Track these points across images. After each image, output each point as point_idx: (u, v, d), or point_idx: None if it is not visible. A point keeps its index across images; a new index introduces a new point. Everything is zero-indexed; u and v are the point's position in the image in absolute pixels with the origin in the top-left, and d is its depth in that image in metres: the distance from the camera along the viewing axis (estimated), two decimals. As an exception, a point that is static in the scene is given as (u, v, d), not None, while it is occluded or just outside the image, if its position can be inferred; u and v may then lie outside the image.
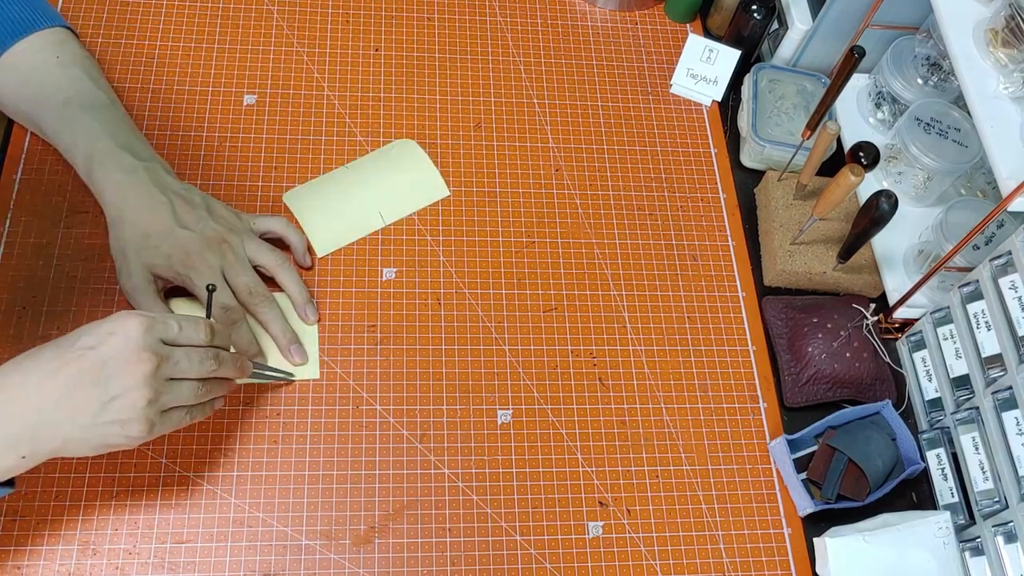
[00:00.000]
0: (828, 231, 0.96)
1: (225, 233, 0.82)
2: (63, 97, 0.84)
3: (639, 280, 0.93)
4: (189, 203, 0.82)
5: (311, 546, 0.77)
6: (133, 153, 0.83)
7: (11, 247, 0.85)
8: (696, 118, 1.05)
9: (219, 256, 0.81)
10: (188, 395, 0.68)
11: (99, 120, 0.84)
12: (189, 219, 0.81)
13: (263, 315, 0.82)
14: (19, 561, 0.73)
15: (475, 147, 0.99)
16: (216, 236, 0.81)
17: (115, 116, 0.86)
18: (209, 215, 0.83)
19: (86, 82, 0.86)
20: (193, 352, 0.68)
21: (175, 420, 0.68)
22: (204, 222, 0.82)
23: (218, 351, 0.70)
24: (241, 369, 0.74)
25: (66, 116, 0.84)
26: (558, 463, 0.83)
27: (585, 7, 1.11)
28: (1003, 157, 0.77)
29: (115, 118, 0.85)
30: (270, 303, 0.82)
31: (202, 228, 0.81)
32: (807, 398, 0.88)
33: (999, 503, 0.77)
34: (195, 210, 0.82)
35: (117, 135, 0.84)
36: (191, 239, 0.80)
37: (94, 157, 0.82)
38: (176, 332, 0.67)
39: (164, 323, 0.67)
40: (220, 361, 0.70)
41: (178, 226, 0.80)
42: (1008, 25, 0.80)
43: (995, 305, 0.78)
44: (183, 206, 0.82)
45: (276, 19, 1.03)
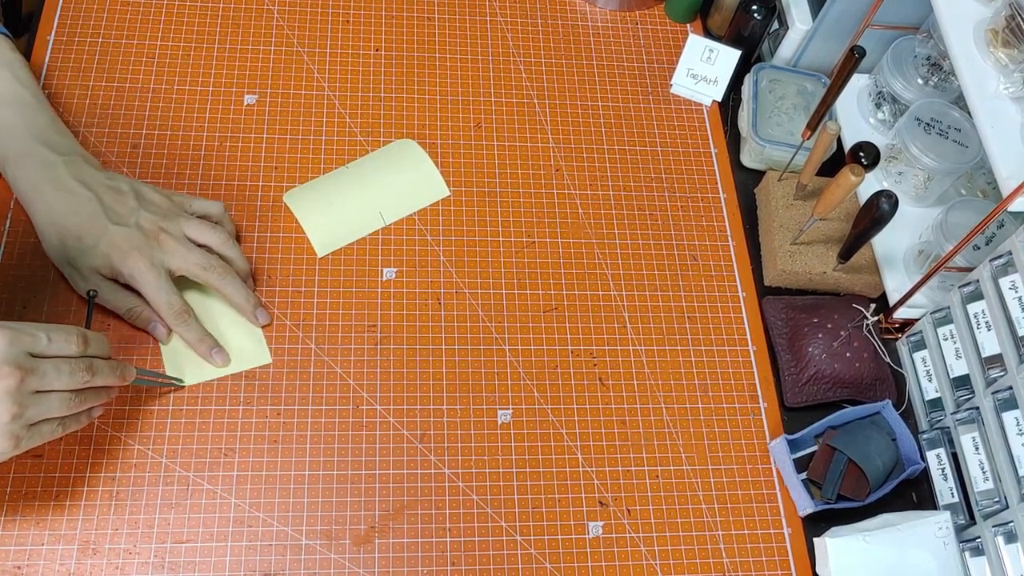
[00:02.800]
0: (828, 231, 0.96)
1: (160, 221, 0.80)
2: None
3: (639, 280, 0.93)
4: (117, 194, 0.80)
5: (311, 546, 0.77)
6: (51, 147, 0.81)
7: (11, 247, 0.85)
8: (696, 118, 1.05)
9: (158, 249, 0.79)
10: (58, 407, 0.66)
11: (19, 116, 0.82)
12: (121, 212, 0.79)
13: (225, 286, 0.81)
14: (19, 561, 0.73)
15: (475, 147, 0.99)
16: (152, 227, 0.79)
17: (36, 113, 0.83)
18: (140, 203, 0.80)
19: (11, 82, 0.83)
20: (63, 363, 0.66)
21: (46, 433, 0.67)
22: (136, 213, 0.79)
23: (92, 361, 0.68)
24: (122, 376, 0.71)
25: None
26: (558, 463, 0.83)
27: (585, 7, 1.11)
28: (1003, 157, 0.77)
29: (36, 115, 0.83)
30: (226, 271, 0.81)
31: (136, 220, 0.79)
32: (807, 398, 0.88)
33: (999, 503, 0.77)
34: (125, 201, 0.80)
35: (36, 131, 0.81)
36: (126, 235, 0.78)
37: (10, 157, 0.80)
38: (44, 344, 0.65)
39: (31, 335, 0.64)
40: (95, 371, 0.68)
41: (110, 222, 0.78)
42: (1008, 25, 0.80)
43: (995, 305, 0.78)
44: (112, 199, 0.80)
45: (276, 19, 1.03)
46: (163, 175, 0.91)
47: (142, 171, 0.91)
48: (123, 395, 0.80)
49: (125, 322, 0.82)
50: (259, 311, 0.83)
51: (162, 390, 0.81)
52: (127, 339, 0.82)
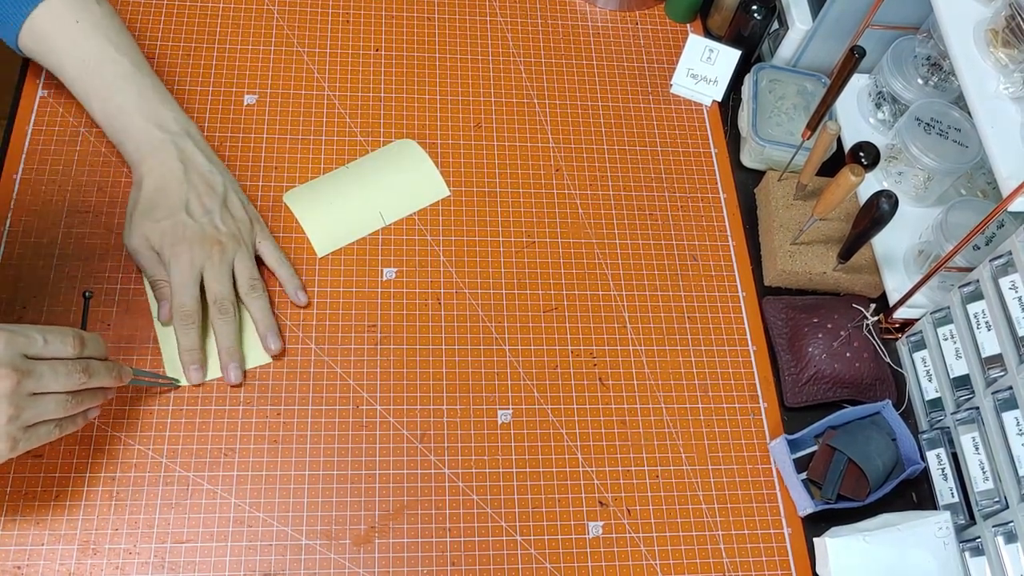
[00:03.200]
0: (828, 231, 0.96)
1: (224, 236, 0.82)
2: (86, 68, 0.83)
3: (639, 280, 0.93)
4: (208, 190, 0.83)
5: (311, 546, 0.77)
6: (161, 126, 0.84)
7: (11, 246, 0.85)
8: (696, 118, 1.05)
9: (205, 255, 0.81)
10: (55, 409, 0.66)
11: (125, 92, 0.84)
12: (197, 209, 0.82)
13: (218, 327, 0.81)
14: (19, 561, 0.73)
15: (475, 147, 0.99)
16: (213, 235, 0.81)
17: (141, 85, 0.84)
18: (220, 210, 0.83)
19: (108, 49, 0.84)
20: (59, 365, 0.66)
21: (43, 435, 0.67)
22: (210, 216, 0.82)
23: (89, 362, 0.68)
24: (118, 377, 0.72)
25: (91, 89, 0.84)
26: (558, 463, 0.83)
27: (585, 7, 1.11)
28: (1003, 157, 0.77)
29: (141, 87, 0.84)
30: (229, 319, 0.81)
31: (204, 223, 0.82)
32: (807, 398, 0.88)
33: (999, 503, 0.77)
34: (210, 200, 0.83)
35: (145, 108, 0.84)
36: (188, 228, 0.81)
37: (121, 132, 0.83)
38: (40, 346, 0.65)
39: (26, 337, 0.64)
40: (91, 372, 0.68)
41: (184, 211, 0.81)
42: (1008, 25, 0.80)
43: (995, 305, 0.78)
44: (200, 193, 0.83)
45: (276, 19, 1.03)
46: (163, 175, 0.91)
47: (142, 171, 0.91)
48: (123, 395, 0.80)
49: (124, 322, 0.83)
50: (233, 367, 0.81)
51: (162, 390, 0.81)
52: (126, 339, 0.82)
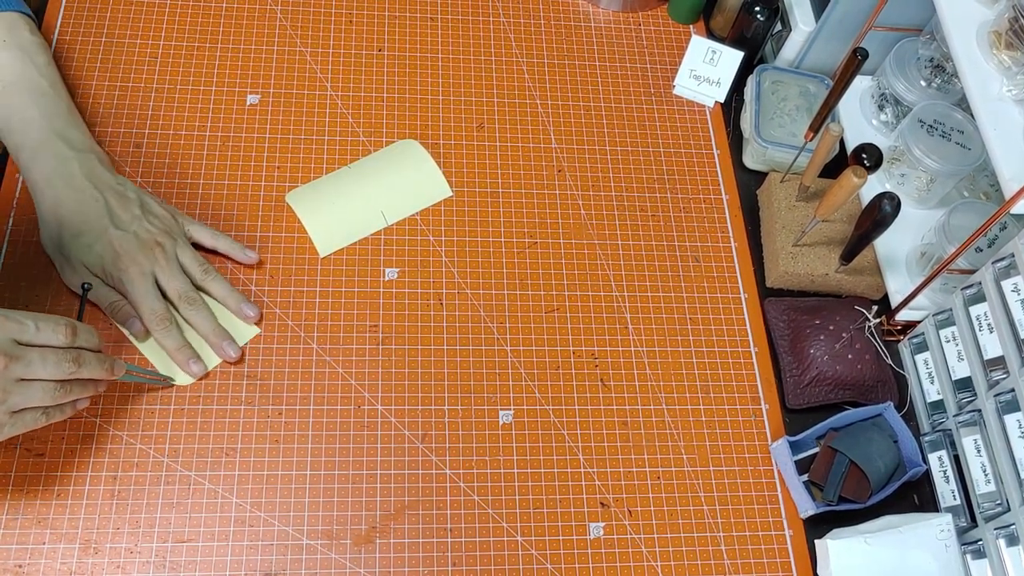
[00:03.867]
0: (830, 233, 0.95)
1: (159, 235, 0.81)
2: (2, 82, 0.83)
3: (641, 281, 0.93)
4: (123, 200, 0.82)
5: (312, 546, 0.77)
6: (67, 142, 0.83)
7: (14, 246, 0.85)
8: (699, 119, 1.05)
9: (151, 260, 0.80)
10: (42, 397, 0.67)
11: (36, 106, 0.83)
12: (124, 218, 0.81)
13: (192, 319, 0.82)
14: (19, 560, 0.73)
15: (477, 147, 0.99)
16: (149, 238, 0.81)
17: (54, 104, 0.84)
18: (143, 214, 0.82)
19: (30, 69, 0.84)
20: (50, 353, 0.66)
21: (28, 421, 0.67)
22: (138, 222, 0.81)
23: (80, 352, 0.68)
24: (110, 370, 0.71)
25: (3, 102, 0.83)
26: (559, 463, 0.83)
27: (588, 8, 1.11)
28: (1006, 159, 0.77)
29: (54, 106, 0.84)
30: (199, 307, 0.82)
31: (136, 229, 0.81)
32: (809, 400, 0.88)
33: (1001, 506, 0.77)
34: (129, 208, 0.82)
35: (53, 122, 0.83)
36: (124, 240, 0.80)
37: (26, 146, 0.82)
38: (32, 332, 0.65)
39: (18, 322, 0.65)
40: (82, 363, 0.68)
41: (112, 226, 0.80)
42: (1012, 27, 0.80)
43: (997, 307, 0.78)
44: (117, 203, 0.81)
45: (279, 19, 1.03)
46: (165, 175, 0.91)
47: (145, 170, 0.91)
48: (124, 395, 0.80)
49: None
50: (227, 344, 0.82)
51: (163, 389, 0.81)
52: (124, 338, 0.82)
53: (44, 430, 0.77)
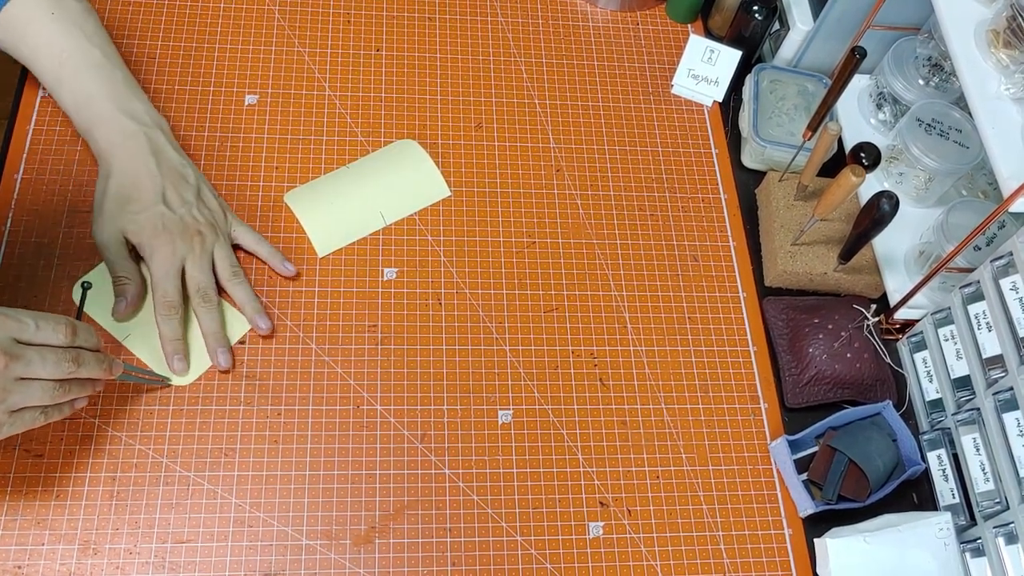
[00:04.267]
0: (829, 232, 0.96)
1: (203, 226, 0.82)
2: (58, 59, 0.84)
3: (640, 280, 0.93)
4: (181, 182, 0.83)
5: (311, 546, 0.77)
6: (133, 117, 0.84)
7: (12, 246, 0.85)
8: (697, 118, 1.05)
9: (187, 246, 0.81)
10: (41, 396, 0.66)
11: (96, 81, 0.84)
12: (175, 200, 0.82)
13: (201, 315, 0.82)
14: (19, 561, 0.73)
15: (476, 147, 0.99)
16: (193, 226, 0.82)
17: (112, 76, 0.85)
18: (196, 201, 0.83)
19: (81, 41, 0.85)
20: (49, 352, 0.66)
21: (28, 420, 0.67)
22: (187, 207, 0.82)
23: (79, 352, 0.68)
24: (108, 370, 0.71)
25: (63, 78, 0.84)
26: (559, 463, 0.83)
27: (586, 7, 1.11)
28: (1004, 158, 0.77)
29: (112, 79, 0.85)
30: (211, 308, 0.82)
31: (183, 213, 0.82)
32: (808, 399, 0.88)
33: (1000, 504, 0.77)
34: (184, 192, 0.83)
35: (116, 98, 0.84)
36: (168, 219, 0.81)
37: (92, 120, 0.83)
38: (32, 331, 0.65)
39: (18, 321, 0.64)
40: (80, 362, 0.68)
41: (162, 203, 0.81)
42: (1009, 26, 0.80)
43: (996, 306, 0.78)
44: (174, 184, 0.83)
45: (277, 19, 1.03)
46: (164, 175, 0.91)
47: (143, 171, 0.91)
48: (123, 395, 0.80)
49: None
50: (222, 353, 0.81)
51: (162, 390, 0.81)
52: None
53: (43, 431, 0.77)
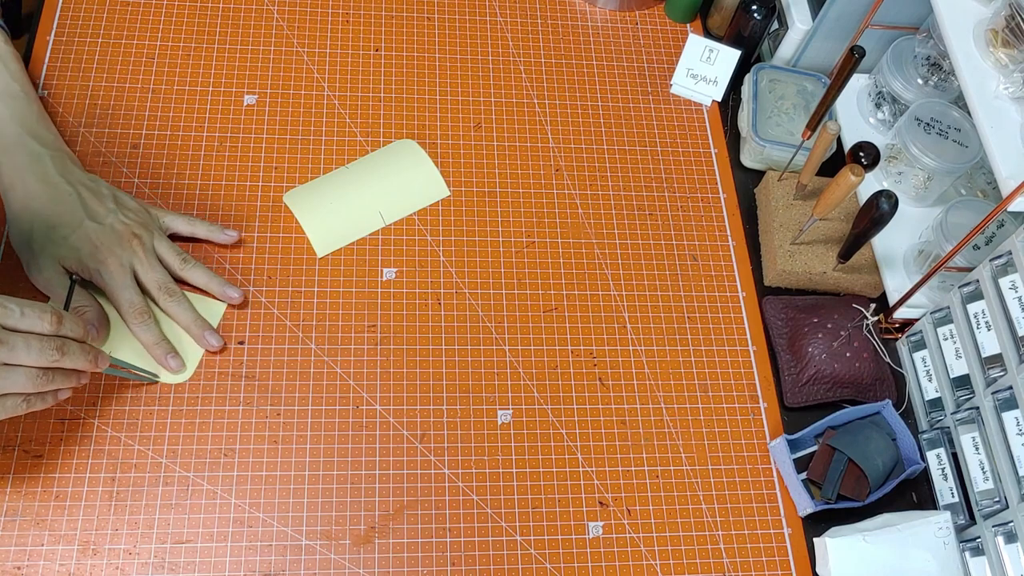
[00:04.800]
0: (828, 231, 0.96)
1: (135, 227, 0.81)
2: None
3: (639, 280, 0.93)
4: (96, 194, 0.82)
5: (311, 546, 0.77)
6: (39, 140, 0.82)
7: (11, 247, 0.85)
8: (696, 118, 1.05)
9: (129, 252, 0.80)
10: (24, 383, 0.66)
11: (7, 107, 0.83)
12: (99, 211, 0.81)
13: (172, 310, 0.82)
14: (19, 561, 0.73)
15: (475, 147, 0.99)
16: (126, 231, 0.81)
17: (25, 106, 0.84)
18: (118, 208, 0.82)
19: (3, 75, 0.84)
20: (34, 339, 0.65)
21: (9, 407, 0.66)
22: (113, 215, 0.81)
23: (64, 341, 0.68)
24: (93, 361, 0.71)
25: None
26: (558, 463, 0.83)
27: (585, 7, 1.11)
28: (1003, 157, 0.77)
29: (25, 108, 0.84)
30: (179, 299, 0.82)
31: (112, 221, 0.81)
32: (807, 398, 0.88)
33: (999, 503, 0.77)
34: (104, 202, 0.82)
35: (25, 122, 0.83)
36: (100, 232, 0.79)
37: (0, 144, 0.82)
38: (17, 318, 0.65)
39: (3, 307, 0.64)
40: (65, 352, 0.67)
41: (87, 218, 0.80)
42: (1008, 25, 0.80)
43: (995, 305, 0.78)
44: (91, 197, 0.81)
45: (276, 19, 1.03)
46: (163, 175, 0.91)
47: (142, 171, 0.91)
48: (122, 395, 0.80)
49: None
50: (209, 334, 0.82)
51: (161, 390, 0.81)
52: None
53: (42, 431, 0.77)
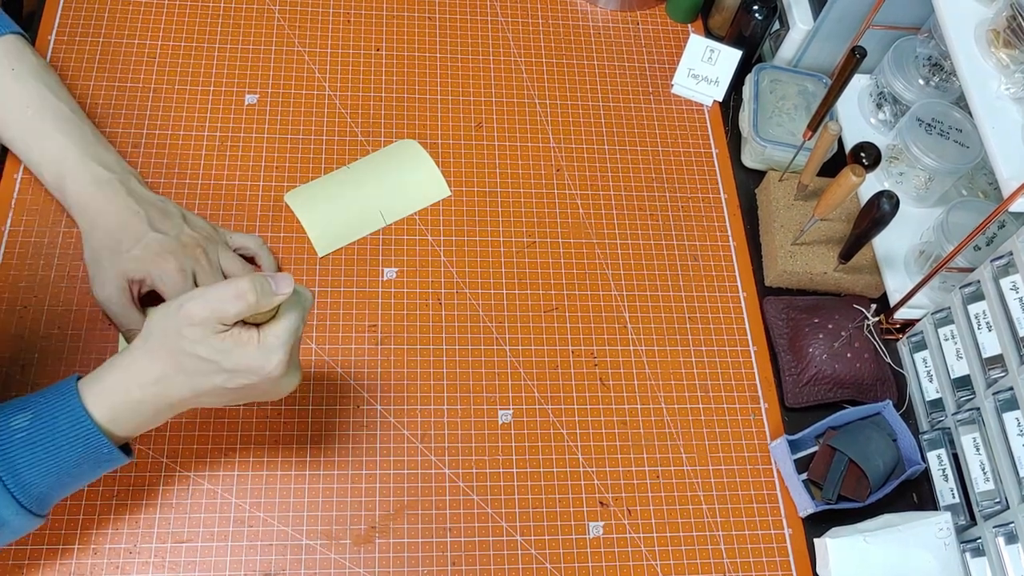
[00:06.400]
0: (829, 231, 0.96)
1: (201, 240, 0.82)
2: (24, 112, 0.82)
3: (640, 280, 0.93)
4: (164, 212, 0.82)
5: (311, 546, 0.77)
6: (105, 166, 0.82)
7: (12, 246, 0.85)
8: (697, 118, 1.05)
9: (193, 260, 0.80)
10: None
11: (65, 133, 0.82)
12: (164, 226, 0.81)
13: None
14: (19, 561, 0.73)
15: (476, 147, 0.99)
16: (191, 242, 0.81)
17: (80, 128, 0.84)
18: (184, 223, 0.82)
19: (46, 95, 0.83)
20: None
21: None
22: (180, 228, 0.81)
23: None
24: None
25: (30, 131, 0.82)
26: (559, 463, 0.83)
27: (586, 7, 1.11)
28: (1004, 158, 0.77)
29: (81, 130, 0.84)
30: None
31: (177, 233, 0.81)
32: (808, 398, 0.88)
33: (1000, 504, 0.77)
34: (171, 219, 0.82)
35: (86, 147, 0.83)
36: (164, 242, 0.80)
37: (64, 172, 0.81)
38: None
39: None
40: None
41: (152, 231, 0.80)
42: (1009, 25, 0.80)
43: (996, 306, 0.78)
44: (159, 215, 0.81)
45: (277, 19, 1.03)
46: (164, 175, 0.91)
47: (143, 171, 0.91)
48: (123, 395, 0.80)
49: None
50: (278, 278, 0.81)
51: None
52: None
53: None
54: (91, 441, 0.63)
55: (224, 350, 0.62)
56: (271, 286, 0.63)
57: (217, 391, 0.64)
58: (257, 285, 0.62)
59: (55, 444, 0.62)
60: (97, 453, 0.64)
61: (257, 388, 0.65)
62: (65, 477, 0.64)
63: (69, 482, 0.65)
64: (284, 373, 0.65)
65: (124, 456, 0.66)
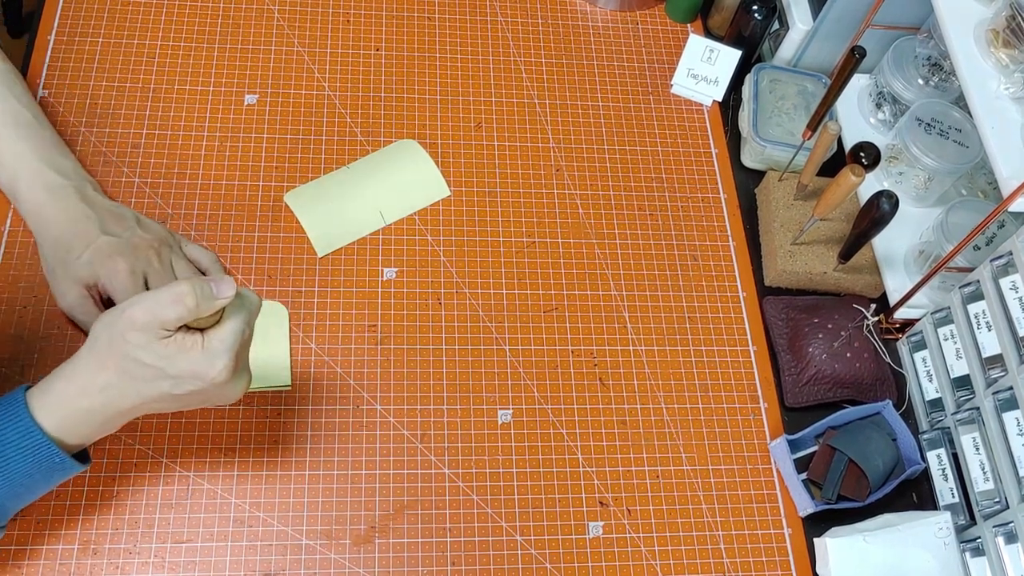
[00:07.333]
0: (829, 231, 0.96)
1: (154, 242, 0.80)
2: None
3: (639, 280, 0.93)
4: (118, 216, 0.81)
5: (311, 546, 0.77)
6: (60, 172, 0.81)
7: (11, 246, 0.85)
8: (697, 118, 1.05)
9: (144, 261, 0.79)
10: None
11: (24, 139, 0.82)
12: (116, 229, 0.80)
13: None
14: (19, 561, 0.73)
15: (476, 147, 0.99)
16: (143, 243, 0.79)
17: (40, 134, 0.83)
18: (139, 226, 0.81)
19: (8, 99, 0.83)
20: None
21: None
22: (132, 231, 0.80)
23: None
24: None
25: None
26: (558, 463, 0.83)
27: (586, 7, 1.11)
28: (1004, 157, 0.77)
29: (40, 136, 0.83)
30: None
31: (129, 236, 0.79)
32: (807, 398, 0.88)
33: (999, 503, 0.77)
34: (124, 221, 0.81)
35: (43, 153, 0.82)
36: (114, 244, 0.78)
37: (18, 177, 0.81)
38: None
39: None
40: None
41: (103, 233, 0.79)
42: (1009, 25, 0.80)
43: (996, 305, 0.78)
44: (111, 219, 0.80)
45: (277, 19, 1.03)
46: (163, 175, 0.91)
47: (143, 171, 0.91)
48: (123, 395, 0.80)
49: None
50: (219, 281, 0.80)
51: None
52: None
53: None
54: (41, 451, 0.62)
55: (167, 356, 0.61)
56: (212, 290, 0.62)
57: (165, 397, 0.63)
58: (197, 289, 0.61)
59: (4, 455, 0.62)
60: (49, 463, 0.63)
61: (205, 393, 0.64)
62: (18, 487, 0.63)
63: (23, 492, 0.64)
64: (230, 378, 0.63)
65: (78, 464, 0.65)
